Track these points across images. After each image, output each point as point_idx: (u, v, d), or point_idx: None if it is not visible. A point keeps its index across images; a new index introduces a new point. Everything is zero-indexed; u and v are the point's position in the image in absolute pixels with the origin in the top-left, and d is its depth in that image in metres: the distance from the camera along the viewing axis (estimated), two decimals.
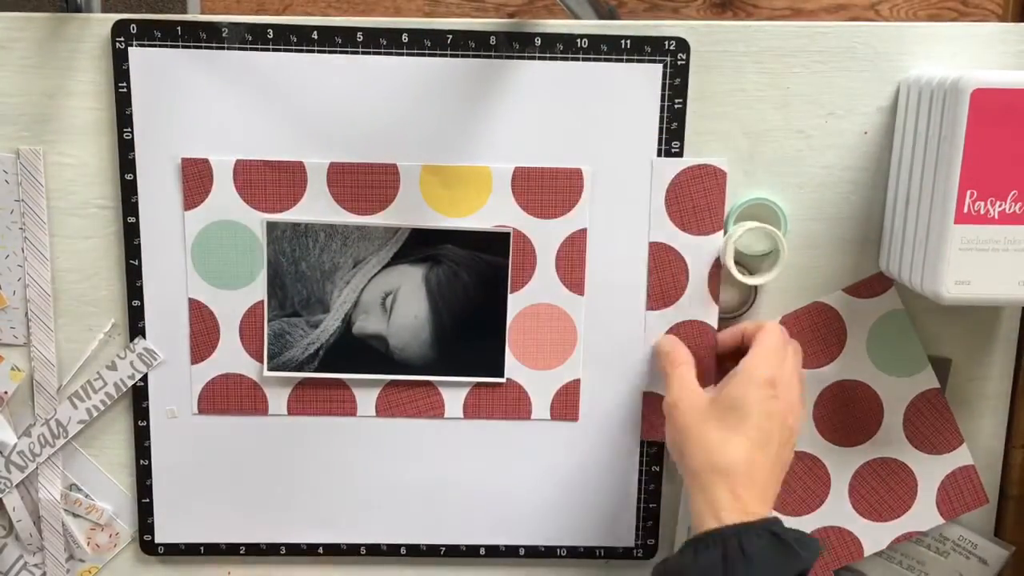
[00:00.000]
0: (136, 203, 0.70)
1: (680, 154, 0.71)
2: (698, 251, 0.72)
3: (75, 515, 0.75)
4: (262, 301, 0.72)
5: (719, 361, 0.72)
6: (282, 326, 0.72)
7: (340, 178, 0.70)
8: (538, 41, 0.69)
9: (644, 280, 0.73)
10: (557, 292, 0.73)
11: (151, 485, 0.75)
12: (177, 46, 0.68)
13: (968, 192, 0.61)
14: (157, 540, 0.76)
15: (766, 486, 0.62)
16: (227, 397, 0.74)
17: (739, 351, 0.69)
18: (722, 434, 0.62)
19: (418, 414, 0.74)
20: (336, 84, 0.69)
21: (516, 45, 0.69)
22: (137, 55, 0.68)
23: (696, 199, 0.71)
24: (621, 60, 0.69)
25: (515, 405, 0.74)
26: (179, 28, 0.68)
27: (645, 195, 0.71)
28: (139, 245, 0.71)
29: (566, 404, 0.74)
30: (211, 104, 0.69)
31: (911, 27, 0.70)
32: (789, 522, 0.75)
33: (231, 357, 0.73)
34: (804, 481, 0.75)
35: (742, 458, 0.61)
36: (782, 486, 0.73)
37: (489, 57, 0.69)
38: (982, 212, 0.61)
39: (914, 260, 0.65)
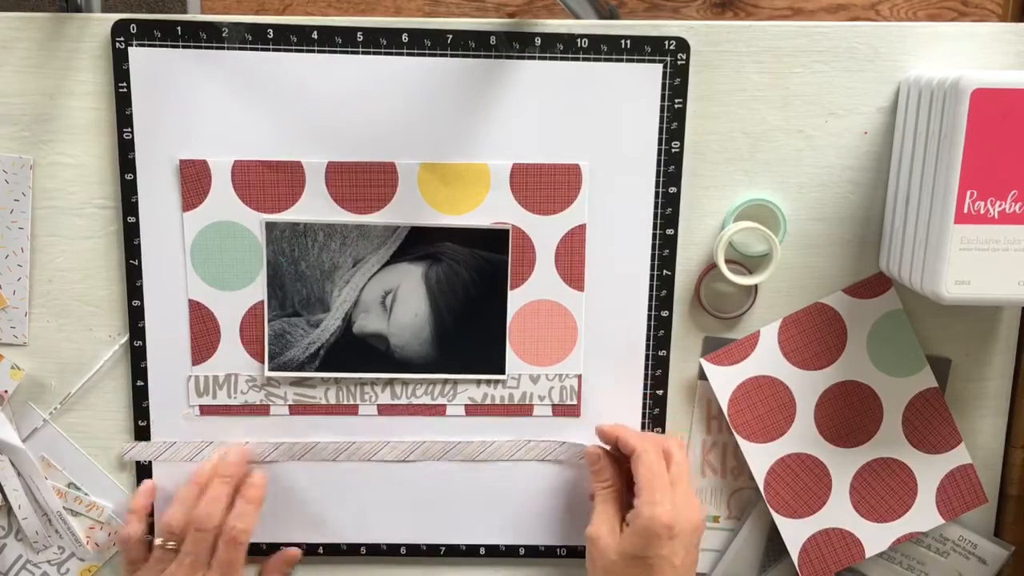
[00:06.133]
0: (136, 203, 0.70)
1: (680, 154, 0.71)
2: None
3: (75, 513, 0.75)
4: (262, 301, 0.72)
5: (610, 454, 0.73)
6: (282, 326, 0.72)
7: (338, 177, 0.70)
8: (538, 41, 0.69)
9: (645, 275, 0.73)
10: (557, 288, 0.73)
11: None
12: (177, 46, 0.68)
13: (968, 192, 0.61)
14: (158, 540, 0.76)
15: None
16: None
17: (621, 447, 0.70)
18: None
19: (419, 412, 0.75)
20: (336, 84, 0.69)
21: (516, 45, 0.69)
22: (137, 55, 0.68)
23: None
24: (621, 60, 0.69)
25: (516, 402, 0.74)
26: (179, 28, 0.68)
27: (645, 191, 0.71)
28: (139, 245, 0.71)
29: (568, 400, 0.74)
30: (211, 104, 0.69)
31: (911, 27, 0.70)
32: (791, 524, 0.75)
33: (232, 358, 0.73)
34: (805, 482, 0.75)
35: None
36: (784, 489, 0.74)
37: (489, 57, 0.69)
38: (982, 212, 0.61)
39: (914, 260, 0.65)
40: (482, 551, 0.77)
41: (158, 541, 0.69)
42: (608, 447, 0.72)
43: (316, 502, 0.76)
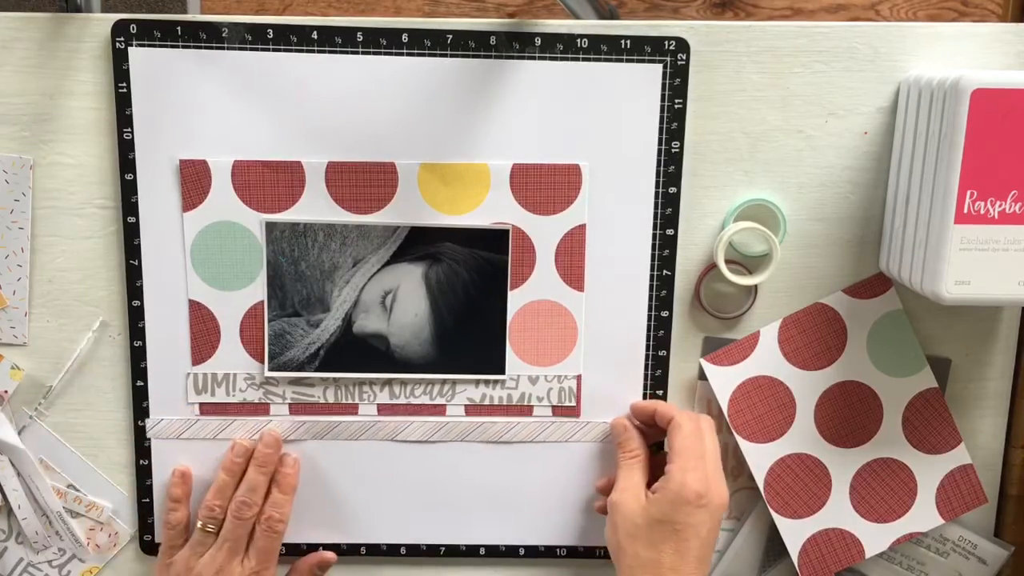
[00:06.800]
0: (136, 203, 0.70)
1: (680, 154, 0.71)
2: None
3: (75, 513, 0.75)
4: (262, 301, 0.72)
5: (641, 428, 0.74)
6: (282, 326, 0.72)
7: (338, 177, 0.70)
8: (538, 41, 0.69)
9: (645, 275, 0.73)
10: (557, 288, 0.73)
11: (151, 485, 0.75)
12: (177, 46, 0.68)
13: (968, 192, 0.61)
14: (157, 540, 0.76)
15: None
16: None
17: (655, 419, 0.72)
18: (651, 552, 0.65)
19: (419, 412, 0.75)
20: (335, 84, 0.69)
21: (516, 45, 0.69)
22: (137, 55, 0.68)
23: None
24: (621, 60, 0.69)
25: (515, 403, 0.74)
26: (179, 28, 0.68)
27: (645, 191, 0.71)
28: (139, 245, 0.71)
29: (567, 401, 0.74)
30: (211, 104, 0.69)
31: (911, 27, 0.70)
32: (791, 524, 0.75)
33: (232, 358, 0.73)
34: (805, 483, 0.75)
35: (667, 569, 0.65)
36: (784, 489, 0.74)
37: (489, 57, 0.69)
38: (982, 212, 0.61)
39: (914, 260, 0.65)
40: (482, 551, 0.77)
41: (199, 524, 0.71)
42: (636, 422, 0.74)
43: (316, 503, 0.76)
